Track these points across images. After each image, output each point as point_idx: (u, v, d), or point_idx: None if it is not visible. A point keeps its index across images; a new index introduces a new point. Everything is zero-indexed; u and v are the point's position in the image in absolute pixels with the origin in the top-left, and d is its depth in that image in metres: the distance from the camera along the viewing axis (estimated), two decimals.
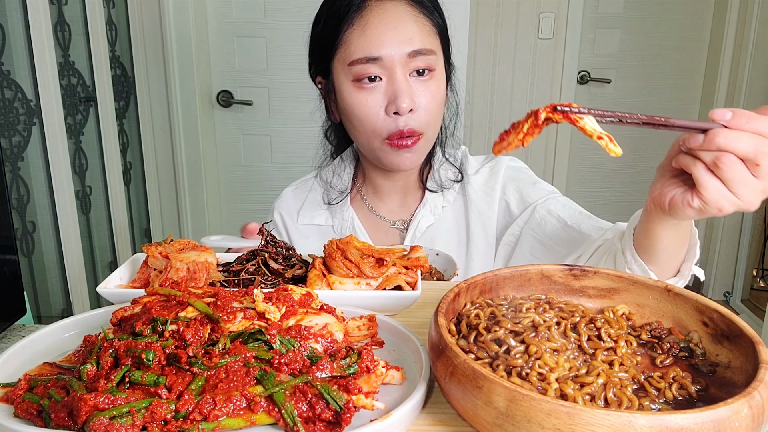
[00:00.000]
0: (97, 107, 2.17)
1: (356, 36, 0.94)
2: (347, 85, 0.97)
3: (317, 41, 1.03)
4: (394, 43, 0.93)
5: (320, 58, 1.03)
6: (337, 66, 0.98)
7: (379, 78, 0.95)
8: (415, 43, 0.93)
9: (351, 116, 0.98)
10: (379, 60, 0.93)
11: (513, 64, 2.89)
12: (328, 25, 0.99)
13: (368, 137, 0.99)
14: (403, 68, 0.94)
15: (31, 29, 1.73)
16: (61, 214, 1.89)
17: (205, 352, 0.53)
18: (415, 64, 0.94)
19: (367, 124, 0.97)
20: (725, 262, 3.08)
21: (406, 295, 0.71)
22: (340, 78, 0.98)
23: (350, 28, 0.95)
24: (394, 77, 0.94)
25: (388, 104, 0.95)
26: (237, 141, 2.86)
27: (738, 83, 2.85)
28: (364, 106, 0.95)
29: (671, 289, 0.63)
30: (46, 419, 0.49)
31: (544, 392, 0.49)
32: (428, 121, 0.98)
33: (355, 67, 0.94)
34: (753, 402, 0.44)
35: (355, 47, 0.94)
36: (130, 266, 0.81)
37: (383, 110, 0.95)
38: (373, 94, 0.95)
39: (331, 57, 0.99)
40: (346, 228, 1.11)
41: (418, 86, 0.95)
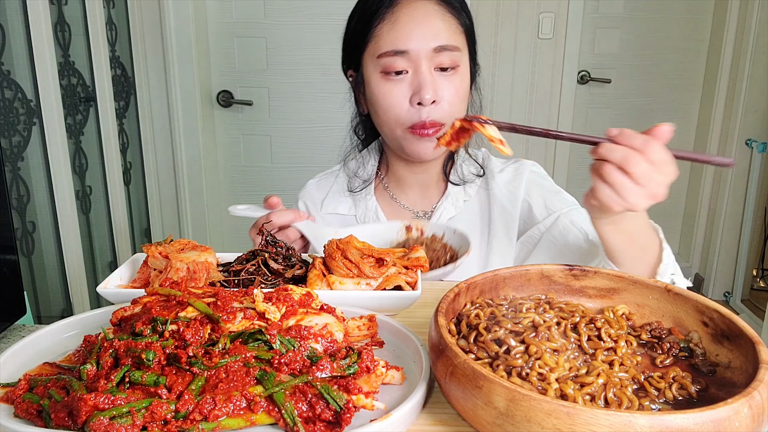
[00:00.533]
0: (97, 107, 2.17)
1: (386, 31, 0.99)
2: (375, 76, 1.01)
3: (351, 36, 1.07)
4: (421, 38, 0.97)
5: (352, 52, 1.07)
6: (366, 59, 1.03)
7: (405, 71, 0.99)
8: (441, 39, 0.98)
9: (377, 105, 1.03)
10: (406, 53, 0.98)
11: (513, 64, 2.89)
12: (360, 20, 1.04)
13: (392, 126, 1.03)
14: (429, 62, 0.98)
15: (31, 29, 1.73)
16: (61, 214, 1.89)
17: (205, 352, 0.53)
18: (440, 59, 0.99)
19: (391, 113, 1.01)
20: (725, 262, 3.08)
21: (406, 295, 0.71)
22: (369, 70, 1.03)
23: (381, 23, 1.00)
24: (419, 70, 0.98)
25: (413, 95, 0.99)
26: (237, 141, 2.87)
27: (738, 83, 2.85)
28: (390, 96, 1.00)
29: (671, 289, 0.63)
30: (46, 419, 0.49)
31: (544, 392, 0.49)
32: (450, 113, 1.01)
33: (383, 59, 0.99)
34: (753, 402, 0.44)
35: (384, 41, 0.99)
36: (130, 266, 0.81)
37: (407, 101, 1.00)
38: (399, 85, 1.00)
39: (362, 50, 1.04)
40: (369, 217, 1.14)
41: (442, 80, 1.00)
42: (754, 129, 2.88)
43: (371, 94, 1.03)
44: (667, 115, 3.12)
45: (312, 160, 2.81)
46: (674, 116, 3.14)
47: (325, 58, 2.69)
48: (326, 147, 2.77)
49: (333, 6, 2.62)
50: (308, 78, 2.73)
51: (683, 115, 3.15)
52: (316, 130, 2.79)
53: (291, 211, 0.95)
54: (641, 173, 0.69)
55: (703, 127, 3.11)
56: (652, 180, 0.69)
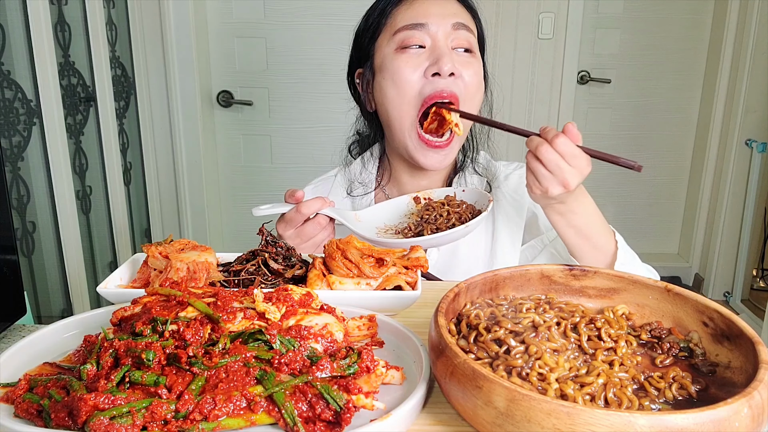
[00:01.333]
0: (97, 107, 2.17)
1: (403, 10, 0.99)
2: (390, 53, 0.99)
3: (363, 30, 1.06)
4: (439, 15, 0.97)
5: (364, 47, 1.05)
6: (381, 43, 1.01)
7: (422, 46, 0.98)
8: (460, 17, 0.98)
9: (390, 84, 0.99)
10: (424, 27, 0.97)
11: (513, 64, 2.89)
12: (374, 13, 1.03)
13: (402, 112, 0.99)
14: (446, 38, 0.97)
15: (31, 29, 1.73)
16: (61, 214, 1.89)
17: (205, 352, 0.53)
18: (458, 39, 0.98)
19: (405, 88, 0.97)
20: (725, 262, 3.08)
21: (406, 295, 0.71)
22: (384, 50, 1.01)
23: (398, 7, 1.00)
24: (437, 44, 0.97)
25: (429, 66, 0.96)
26: (237, 141, 2.87)
27: (738, 83, 2.85)
28: (405, 69, 0.97)
29: (671, 289, 0.63)
30: (46, 419, 0.49)
31: (544, 392, 0.49)
32: (466, 94, 0.99)
33: (400, 33, 0.98)
34: (753, 402, 0.44)
35: (401, 17, 0.99)
36: (130, 266, 0.81)
37: (423, 73, 0.97)
38: (415, 58, 0.97)
39: (374, 39, 1.03)
40: None
41: (460, 58, 0.98)
42: (754, 129, 2.88)
43: (384, 72, 0.99)
44: (667, 115, 3.13)
45: (312, 160, 2.81)
46: (674, 116, 3.14)
47: (325, 58, 2.69)
48: (326, 147, 2.75)
49: (333, 6, 2.62)
50: (308, 78, 2.73)
51: (683, 115, 3.15)
52: (316, 130, 2.80)
53: (317, 200, 0.94)
54: (549, 161, 0.80)
55: (703, 127, 3.11)
56: (560, 168, 0.80)
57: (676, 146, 3.19)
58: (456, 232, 0.90)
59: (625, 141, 3.16)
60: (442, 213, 0.96)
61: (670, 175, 3.25)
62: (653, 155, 3.19)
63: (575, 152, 0.81)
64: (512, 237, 1.08)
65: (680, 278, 3.32)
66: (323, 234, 0.95)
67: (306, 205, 0.92)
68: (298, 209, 0.92)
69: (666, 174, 3.24)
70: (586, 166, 0.82)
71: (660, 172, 3.23)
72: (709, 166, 3.07)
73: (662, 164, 3.21)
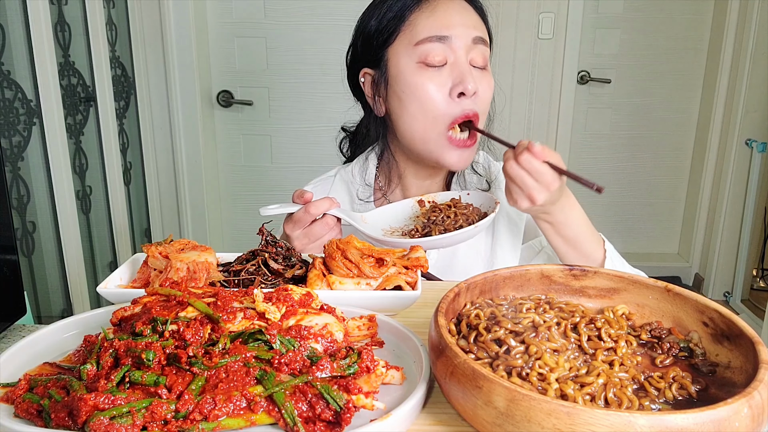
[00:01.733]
0: (97, 107, 2.17)
1: (425, 17, 0.97)
2: (411, 66, 0.97)
3: (372, 30, 1.02)
4: (461, 26, 0.96)
5: (373, 48, 1.02)
6: (398, 50, 0.99)
7: (444, 63, 0.96)
8: (479, 30, 0.99)
9: (412, 98, 0.98)
10: (448, 40, 0.96)
11: (513, 64, 2.89)
12: (389, 13, 1.00)
13: (426, 125, 0.98)
14: (467, 54, 0.97)
15: (31, 29, 1.73)
16: (61, 214, 1.89)
17: (205, 352, 0.53)
18: (475, 54, 0.98)
19: (429, 106, 0.97)
20: (725, 262, 3.08)
21: (406, 295, 0.71)
22: (402, 60, 0.98)
23: (417, 11, 0.98)
24: (459, 61, 0.96)
25: (453, 86, 0.96)
26: (237, 141, 2.86)
27: (738, 83, 2.85)
28: (429, 87, 0.96)
29: (671, 289, 0.63)
30: (46, 419, 0.49)
31: (545, 392, 0.49)
32: (484, 110, 1.01)
33: (422, 46, 0.96)
34: (753, 402, 0.44)
35: (423, 27, 0.96)
36: (130, 266, 0.81)
37: (448, 92, 0.96)
38: (438, 75, 0.96)
39: (389, 42, 1.00)
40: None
41: (477, 74, 0.99)
42: (754, 129, 2.88)
43: (404, 86, 0.98)
44: (666, 115, 3.13)
45: (312, 160, 2.81)
46: (674, 116, 3.14)
47: (325, 58, 2.69)
48: (326, 147, 2.75)
49: (333, 6, 2.62)
50: (308, 78, 2.73)
51: (683, 115, 3.14)
52: (316, 130, 2.79)
53: (326, 200, 0.94)
54: (515, 176, 0.85)
55: (703, 127, 3.11)
56: (525, 184, 0.84)
57: (676, 146, 3.19)
58: (465, 232, 0.90)
59: (625, 141, 3.16)
60: (449, 215, 0.96)
61: (670, 175, 3.25)
62: (653, 155, 3.19)
63: (540, 169, 0.83)
64: (512, 237, 1.08)
65: (680, 278, 3.32)
66: (331, 234, 0.95)
67: (315, 206, 0.92)
68: (306, 209, 0.92)
69: (666, 174, 3.24)
70: (552, 182, 0.84)
71: (660, 172, 3.23)
72: (709, 166, 3.07)
73: (662, 164, 3.21)
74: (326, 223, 0.94)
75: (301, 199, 0.94)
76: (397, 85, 0.99)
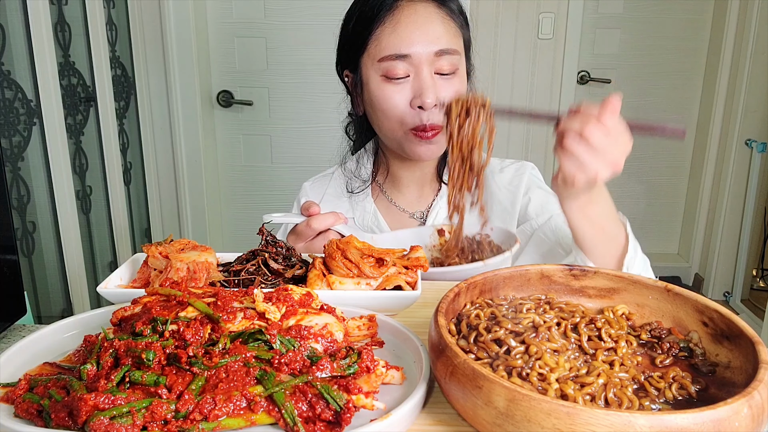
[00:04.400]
0: (97, 107, 2.17)
1: (387, 33, 0.99)
2: (376, 79, 1.02)
3: (348, 38, 1.07)
4: (422, 42, 0.98)
5: (350, 54, 1.07)
6: (366, 62, 1.03)
7: (407, 76, 1.00)
8: (441, 43, 0.99)
9: (377, 108, 1.03)
10: (408, 57, 0.98)
11: (513, 64, 2.89)
12: (359, 23, 1.03)
13: (393, 128, 1.04)
14: (429, 66, 0.99)
15: (31, 29, 1.73)
16: (61, 214, 1.89)
17: (205, 352, 0.53)
18: (441, 64, 1.00)
19: (392, 116, 1.02)
20: (725, 262, 3.08)
21: (406, 295, 0.71)
22: (369, 73, 1.03)
23: (381, 26, 1.00)
24: (420, 74, 0.99)
25: (414, 98, 1.00)
26: (237, 141, 2.86)
27: (738, 83, 2.85)
28: (391, 99, 1.00)
29: (671, 289, 0.63)
30: (46, 419, 0.49)
31: (545, 392, 0.49)
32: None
33: (384, 63, 0.99)
34: (753, 402, 0.44)
35: (386, 44, 0.99)
36: (130, 266, 0.81)
37: (408, 104, 1.01)
38: (400, 89, 1.00)
39: (360, 53, 1.04)
40: (367, 219, 1.15)
41: (442, 83, 1.01)
42: (754, 129, 2.88)
43: (371, 96, 1.03)
44: (666, 114, 3.13)
45: (312, 160, 2.81)
46: (674, 116, 3.14)
47: (325, 58, 2.67)
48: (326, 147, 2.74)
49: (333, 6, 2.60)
50: (308, 78, 2.73)
51: (683, 115, 3.14)
52: (316, 130, 2.79)
53: (330, 215, 0.95)
54: (598, 140, 0.73)
55: (703, 127, 3.11)
56: (608, 148, 0.73)
57: (676, 146, 3.19)
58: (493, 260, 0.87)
59: None
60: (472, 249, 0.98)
61: (670, 175, 3.25)
62: (653, 155, 3.19)
63: (621, 128, 0.74)
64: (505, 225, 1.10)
65: (680, 278, 3.32)
66: None
67: (317, 220, 0.92)
68: (308, 223, 0.92)
69: (666, 174, 3.24)
70: (629, 141, 0.76)
71: (660, 172, 3.23)
72: (709, 166, 3.07)
73: (662, 164, 3.21)
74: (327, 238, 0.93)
75: (306, 212, 0.94)
76: (366, 93, 1.05)
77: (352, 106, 1.15)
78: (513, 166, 1.17)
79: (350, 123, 1.21)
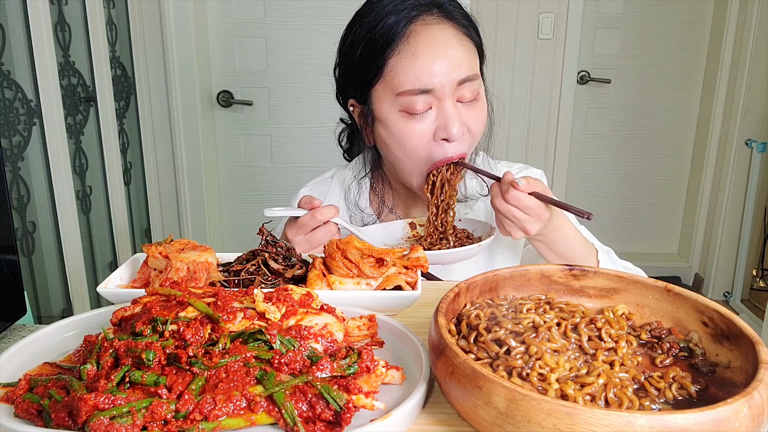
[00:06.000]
0: (97, 107, 2.17)
1: (405, 65, 0.91)
2: (394, 114, 0.94)
3: (355, 67, 0.98)
4: (444, 72, 0.91)
5: (357, 85, 0.99)
6: (379, 94, 0.95)
7: (428, 108, 0.93)
8: (463, 71, 0.92)
9: (395, 144, 0.97)
10: (431, 91, 0.92)
11: (513, 64, 2.89)
12: (369, 51, 0.95)
13: (415, 164, 0.98)
14: (452, 96, 0.93)
15: (31, 29, 1.73)
16: (61, 214, 1.89)
17: (205, 352, 0.53)
18: (462, 92, 0.94)
19: (414, 152, 0.96)
20: (725, 262, 3.08)
21: (406, 295, 0.71)
22: (384, 106, 0.95)
23: (397, 56, 0.92)
24: (444, 106, 0.93)
25: (437, 130, 0.94)
26: (237, 141, 2.87)
27: (738, 83, 2.85)
28: (414, 136, 0.94)
29: (671, 289, 0.63)
30: (46, 419, 0.49)
31: (545, 392, 0.49)
32: (472, 144, 1.00)
33: (404, 97, 0.92)
34: (753, 402, 0.44)
35: (405, 77, 0.91)
36: (130, 266, 0.81)
37: (431, 137, 0.95)
38: (423, 122, 0.94)
39: (371, 84, 0.96)
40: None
41: (466, 111, 0.95)
42: (754, 129, 2.88)
43: (389, 133, 0.96)
44: (666, 115, 3.13)
45: (312, 160, 2.81)
46: (674, 116, 3.14)
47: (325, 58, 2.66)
48: (326, 147, 2.75)
49: (333, 6, 2.62)
50: (308, 78, 2.73)
51: (683, 115, 3.14)
52: (316, 130, 2.79)
53: (332, 207, 0.95)
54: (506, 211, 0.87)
55: (703, 127, 3.11)
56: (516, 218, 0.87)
57: (676, 146, 3.19)
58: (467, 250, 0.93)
59: (625, 141, 3.16)
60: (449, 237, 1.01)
61: (670, 175, 3.25)
62: (653, 155, 3.19)
63: (529, 204, 0.85)
64: (513, 242, 1.08)
65: (680, 278, 3.32)
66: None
67: (321, 212, 0.93)
68: (313, 215, 0.93)
69: (666, 174, 3.24)
70: (542, 213, 0.87)
71: (660, 172, 3.23)
72: (709, 166, 3.07)
73: (662, 164, 3.22)
74: (329, 230, 0.95)
75: (308, 206, 0.95)
76: (381, 128, 0.98)
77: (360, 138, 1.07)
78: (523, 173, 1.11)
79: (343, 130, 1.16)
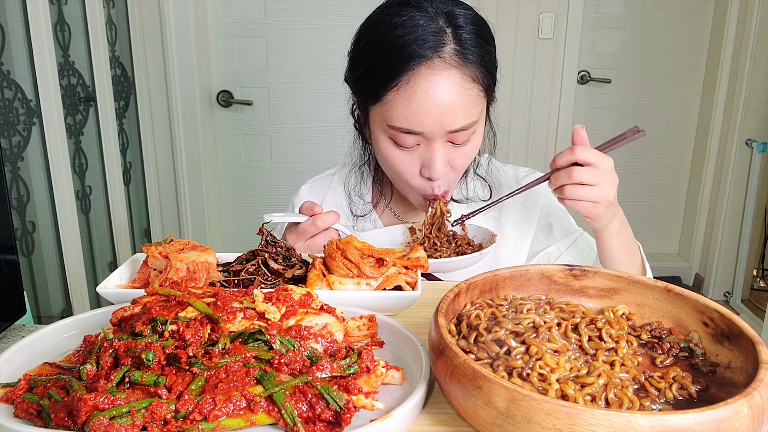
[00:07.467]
0: (97, 107, 2.17)
1: (400, 104, 0.90)
2: (384, 139, 0.95)
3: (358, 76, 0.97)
4: (437, 120, 0.89)
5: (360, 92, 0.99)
6: (375, 116, 0.96)
7: (416, 144, 0.94)
8: (457, 122, 0.90)
9: (384, 163, 1.00)
10: (421, 133, 0.92)
11: (513, 64, 2.89)
12: (370, 76, 0.94)
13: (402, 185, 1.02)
14: (442, 138, 0.92)
15: (31, 29, 1.73)
16: (61, 214, 1.89)
17: (205, 352, 0.53)
18: (455, 136, 0.93)
19: (399, 178, 0.99)
20: (725, 262, 3.08)
21: (406, 295, 0.71)
22: (377, 128, 0.96)
23: (394, 91, 0.90)
24: (431, 146, 0.93)
25: (423, 167, 0.95)
26: (237, 141, 2.87)
27: (738, 83, 2.85)
28: (400, 164, 0.96)
29: (671, 289, 0.63)
30: (46, 419, 0.49)
31: (545, 393, 0.49)
32: (458, 177, 1.01)
33: (394, 131, 0.92)
34: (753, 402, 0.44)
35: (398, 115, 0.90)
36: (130, 266, 0.81)
37: (418, 170, 0.96)
38: (409, 156, 0.95)
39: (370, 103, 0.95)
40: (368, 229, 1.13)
41: (453, 150, 0.95)
42: (754, 129, 2.88)
43: (379, 151, 0.98)
44: (666, 114, 3.12)
45: (312, 160, 2.81)
46: (674, 116, 3.14)
47: (325, 58, 2.69)
48: (326, 147, 2.77)
49: (333, 6, 2.62)
50: (308, 78, 2.73)
51: (683, 115, 3.14)
52: (316, 130, 2.79)
53: (333, 213, 0.95)
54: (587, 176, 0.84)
55: (703, 127, 3.11)
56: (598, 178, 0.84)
57: (676, 146, 3.19)
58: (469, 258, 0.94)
59: None
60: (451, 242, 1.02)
61: (670, 175, 3.25)
62: (653, 155, 3.19)
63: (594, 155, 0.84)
64: (518, 241, 1.09)
65: (680, 278, 3.32)
66: None
67: (322, 219, 0.94)
68: (314, 222, 0.94)
69: (666, 174, 3.24)
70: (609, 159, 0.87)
71: (660, 172, 3.23)
72: (709, 166, 3.07)
73: (662, 164, 3.21)
74: (329, 236, 0.95)
75: (309, 212, 0.96)
76: (374, 145, 0.99)
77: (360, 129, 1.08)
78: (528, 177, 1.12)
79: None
